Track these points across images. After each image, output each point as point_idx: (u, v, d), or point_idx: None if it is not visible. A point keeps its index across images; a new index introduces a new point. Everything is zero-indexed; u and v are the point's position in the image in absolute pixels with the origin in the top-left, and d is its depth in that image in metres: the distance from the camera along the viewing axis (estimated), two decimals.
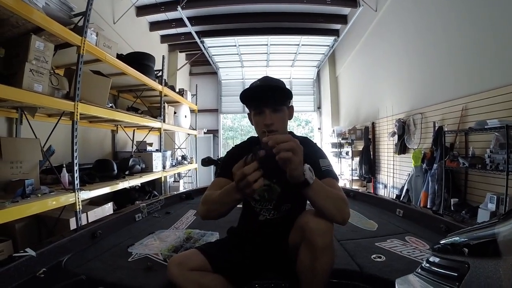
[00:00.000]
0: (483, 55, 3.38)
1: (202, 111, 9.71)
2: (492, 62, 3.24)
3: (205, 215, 1.25)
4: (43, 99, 2.48)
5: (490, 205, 2.96)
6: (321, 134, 10.78)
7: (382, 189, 6.24)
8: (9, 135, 3.25)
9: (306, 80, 10.89)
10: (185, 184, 7.97)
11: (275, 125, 1.25)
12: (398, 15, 5.40)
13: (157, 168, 4.93)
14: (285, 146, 0.98)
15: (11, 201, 2.18)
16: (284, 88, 1.30)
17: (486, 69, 3.33)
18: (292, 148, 0.98)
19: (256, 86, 1.31)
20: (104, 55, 3.37)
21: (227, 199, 1.15)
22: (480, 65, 3.42)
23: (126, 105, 5.19)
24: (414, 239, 1.87)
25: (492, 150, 2.99)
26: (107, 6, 5.73)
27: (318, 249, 1.07)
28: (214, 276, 1.19)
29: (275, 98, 1.27)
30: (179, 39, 8.51)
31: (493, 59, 3.22)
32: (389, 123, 5.68)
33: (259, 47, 8.71)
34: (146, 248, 1.76)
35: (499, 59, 3.14)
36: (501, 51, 3.11)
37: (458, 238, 0.86)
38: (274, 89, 1.29)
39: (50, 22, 2.51)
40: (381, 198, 3.13)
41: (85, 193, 2.95)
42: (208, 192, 1.29)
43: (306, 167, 1.04)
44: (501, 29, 3.09)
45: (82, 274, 1.38)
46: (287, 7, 7.18)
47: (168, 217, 2.65)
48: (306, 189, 1.05)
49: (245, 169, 1.01)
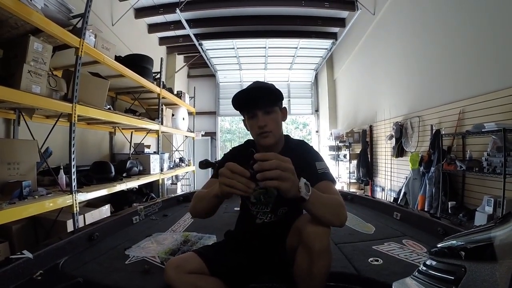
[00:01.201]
0: (480, 59, 3.40)
1: (200, 113, 9.72)
2: (490, 66, 3.26)
3: (191, 211, 1.29)
4: (41, 100, 2.48)
5: (487, 208, 2.97)
6: (318, 137, 10.78)
7: (379, 192, 6.25)
8: (7, 136, 3.23)
9: (304, 83, 10.90)
10: (183, 186, 7.95)
11: (268, 126, 1.28)
12: (396, 19, 5.43)
13: (154, 170, 4.92)
14: (271, 174, 0.93)
15: (8, 203, 2.17)
16: (274, 88, 1.32)
17: (484, 72, 3.34)
18: (278, 176, 0.94)
19: (246, 89, 1.33)
20: (102, 57, 3.37)
21: (210, 193, 1.16)
22: (478, 68, 3.44)
23: (124, 107, 5.19)
24: (411, 242, 1.87)
25: (489, 153, 3.01)
26: (105, 8, 5.73)
27: (315, 253, 1.06)
28: (211, 279, 1.19)
29: (265, 99, 1.29)
30: (178, 42, 8.52)
31: (491, 62, 3.24)
32: (387, 126, 5.70)
33: (257, 50, 8.73)
34: (143, 250, 1.76)
35: (497, 63, 3.16)
36: (499, 54, 3.13)
37: (455, 242, 0.87)
38: (264, 90, 1.31)
39: (49, 23, 2.51)
40: (379, 201, 3.14)
41: (83, 195, 2.95)
42: (199, 190, 1.31)
43: (302, 182, 0.99)
44: (499, 32, 3.11)
45: (79, 276, 1.38)
46: (285, 10, 7.21)
47: (166, 219, 2.65)
48: (303, 203, 1.02)
49: (238, 169, 0.99)
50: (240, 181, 0.97)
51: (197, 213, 1.27)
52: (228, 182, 0.99)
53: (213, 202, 1.18)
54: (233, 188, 0.99)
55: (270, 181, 0.94)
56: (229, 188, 0.99)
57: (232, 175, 0.98)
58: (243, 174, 0.97)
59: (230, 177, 0.99)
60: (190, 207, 1.29)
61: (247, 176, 0.97)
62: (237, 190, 0.98)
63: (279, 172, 0.94)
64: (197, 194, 1.28)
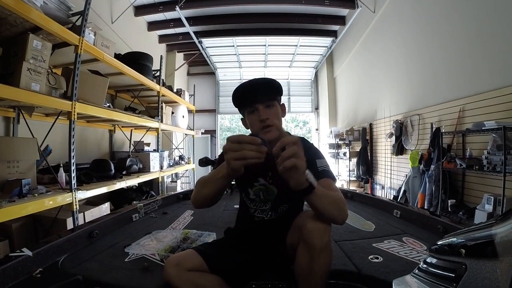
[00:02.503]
0: (480, 57, 3.40)
1: (200, 111, 9.72)
2: (490, 64, 3.25)
3: (194, 199, 1.23)
4: (41, 98, 2.47)
5: (487, 206, 2.98)
6: (318, 135, 10.79)
7: (379, 190, 6.26)
8: (6, 134, 3.24)
9: (304, 81, 10.91)
10: (183, 184, 7.96)
11: (270, 120, 1.24)
12: (396, 16, 5.42)
13: (154, 168, 4.92)
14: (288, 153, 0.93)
15: (8, 201, 2.17)
16: (273, 82, 1.31)
17: (484, 70, 3.34)
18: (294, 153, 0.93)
19: (245, 83, 1.32)
20: (102, 55, 3.36)
21: (215, 176, 1.13)
22: (478, 66, 3.44)
23: (123, 105, 5.18)
24: (411, 240, 1.87)
25: (489, 151, 3.01)
26: (105, 6, 5.72)
27: (315, 250, 1.06)
28: (211, 276, 1.19)
29: (266, 92, 1.28)
30: (177, 39, 8.51)
31: (491, 60, 3.24)
32: (387, 124, 5.70)
33: (257, 47, 8.73)
34: (143, 248, 1.75)
35: (497, 61, 3.15)
36: (498, 52, 3.13)
37: (455, 239, 0.86)
38: (263, 83, 1.30)
39: (48, 21, 2.50)
40: (379, 199, 3.13)
41: (82, 193, 2.94)
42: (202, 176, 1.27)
43: (307, 172, 0.98)
44: (499, 31, 3.11)
45: (78, 274, 1.38)
46: (285, 8, 7.19)
47: (165, 217, 2.64)
48: (309, 194, 1.01)
49: (246, 137, 0.97)
50: (251, 149, 0.95)
51: (201, 199, 1.21)
52: (238, 155, 0.96)
53: (219, 185, 1.14)
54: (244, 159, 0.96)
55: (294, 159, 0.92)
56: (240, 161, 0.97)
57: (241, 146, 0.96)
58: (253, 141, 0.96)
59: (239, 148, 0.96)
60: (193, 194, 1.23)
61: (258, 142, 0.96)
62: (250, 158, 0.95)
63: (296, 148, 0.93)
64: (201, 179, 1.24)
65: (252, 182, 1.36)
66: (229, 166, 1.00)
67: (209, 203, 1.22)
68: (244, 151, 0.95)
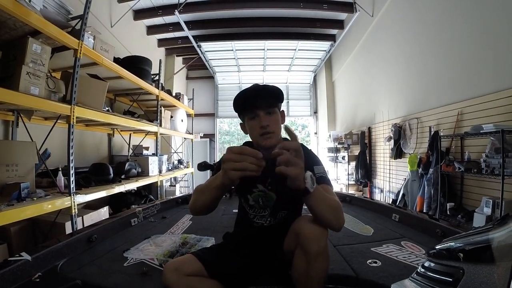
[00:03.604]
0: (479, 60, 3.41)
1: (199, 115, 9.73)
2: (488, 67, 3.27)
3: (192, 206, 1.27)
4: (40, 102, 2.47)
5: (486, 209, 2.98)
6: (317, 138, 10.79)
7: (378, 193, 6.26)
8: (5, 138, 3.23)
9: (302, 85, 10.91)
10: (181, 188, 7.93)
11: (270, 127, 1.25)
12: (394, 20, 5.45)
13: (153, 172, 4.91)
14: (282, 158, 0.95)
15: (7, 205, 2.16)
16: (275, 89, 1.32)
17: (482, 74, 3.36)
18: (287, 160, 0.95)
19: (247, 89, 1.32)
20: (101, 59, 3.37)
21: (211, 184, 1.15)
22: (476, 70, 3.45)
23: (122, 109, 5.19)
24: (410, 244, 1.87)
25: (488, 154, 3.01)
26: (104, 10, 5.73)
27: (312, 255, 1.07)
28: (210, 282, 1.19)
29: (267, 99, 1.28)
30: (176, 43, 8.54)
31: (489, 64, 3.25)
32: (385, 128, 5.72)
33: (256, 51, 8.73)
34: (142, 253, 1.75)
35: (495, 64, 3.17)
36: (497, 56, 3.15)
37: (453, 244, 0.87)
38: (265, 90, 1.30)
39: (48, 25, 2.51)
40: (377, 203, 3.14)
41: (81, 197, 2.94)
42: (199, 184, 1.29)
43: (307, 174, 1.00)
44: (497, 34, 3.13)
45: (77, 278, 1.37)
46: (284, 12, 7.23)
47: (164, 221, 2.64)
48: (306, 196, 1.03)
49: (248, 150, 0.99)
50: (251, 162, 0.98)
51: (198, 207, 1.25)
52: (237, 165, 0.98)
53: (215, 194, 1.16)
54: (243, 171, 0.98)
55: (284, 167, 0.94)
56: (238, 172, 0.99)
57: (242, 157, 0.98)
58: (254, 155, 0.98)
59: (240, 160, 0.98)
60: (191, 202, 1.27)
61: (260, 156, 0.98)
62: (250, 171, 0.98)
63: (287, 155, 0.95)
64: (198, 187, 1.27)
65: (251, 189, 1.37)
66: (226, 175, 1.02)
67: (206, 211, 1.25)
68: (244, 162, 0.98)
